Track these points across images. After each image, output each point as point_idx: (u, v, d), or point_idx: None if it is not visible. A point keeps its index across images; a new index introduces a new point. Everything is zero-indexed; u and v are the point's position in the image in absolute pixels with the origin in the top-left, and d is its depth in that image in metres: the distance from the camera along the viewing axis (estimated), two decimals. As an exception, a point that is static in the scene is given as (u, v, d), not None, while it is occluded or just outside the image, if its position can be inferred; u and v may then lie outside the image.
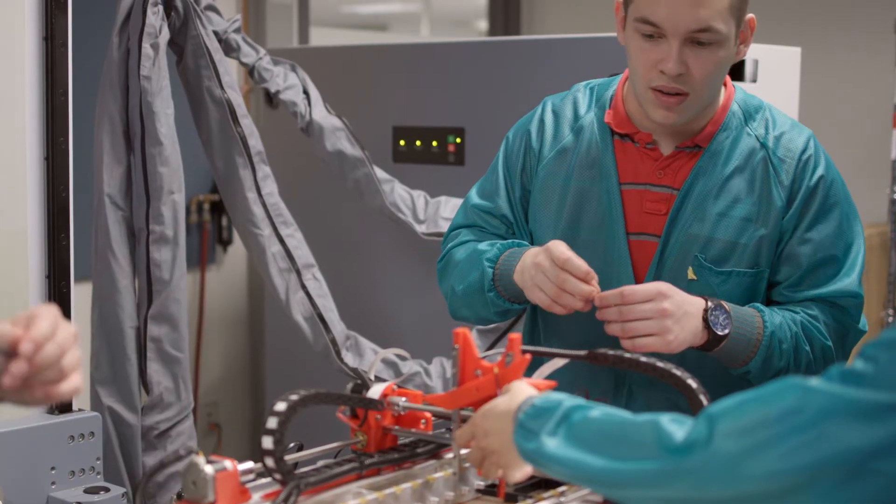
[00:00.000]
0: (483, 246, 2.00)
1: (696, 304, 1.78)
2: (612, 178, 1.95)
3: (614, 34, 2.99)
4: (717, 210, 1.90)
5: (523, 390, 1.45)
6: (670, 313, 1.75)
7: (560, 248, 1.79)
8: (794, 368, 1.86)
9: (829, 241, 1.91)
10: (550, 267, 1.79)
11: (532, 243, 2.04)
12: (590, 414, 1.32)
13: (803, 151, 1.92)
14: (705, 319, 1.78)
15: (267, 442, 1.47)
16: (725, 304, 1.81)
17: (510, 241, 1.99)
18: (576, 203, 1.97)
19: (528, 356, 1.54)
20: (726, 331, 1.79)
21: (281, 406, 1.49)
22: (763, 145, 1.92)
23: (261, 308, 4.01)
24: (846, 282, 1.91)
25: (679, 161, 1.93)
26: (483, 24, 5.54)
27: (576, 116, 2.02)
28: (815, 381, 1.10)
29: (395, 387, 1.70)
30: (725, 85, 1.94)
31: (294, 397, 1.50)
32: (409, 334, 3.32)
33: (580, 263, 1.78)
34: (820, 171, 1.91)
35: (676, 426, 1.21)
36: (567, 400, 1.36)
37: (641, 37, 1.83)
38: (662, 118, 1.86)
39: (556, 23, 5.09)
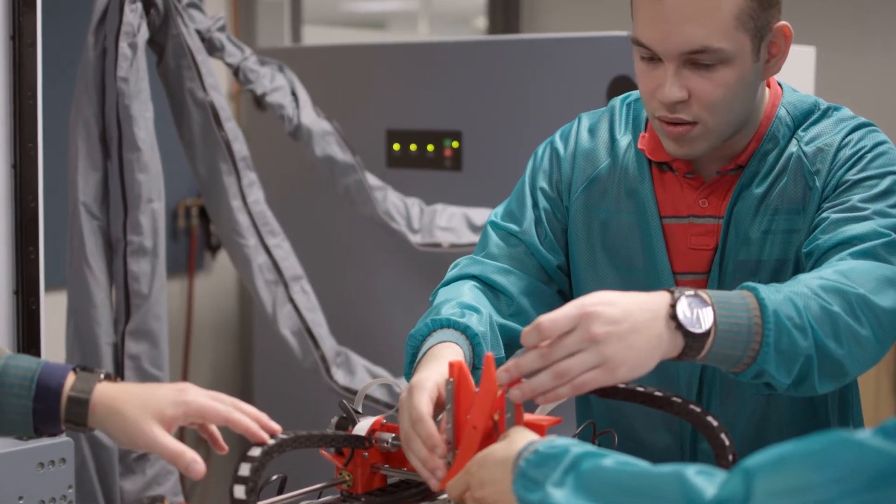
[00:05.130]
0: (434, 310, 1.70)
1: (652, 306, 1.37)
2: (651, 212, 1.72)
3: (618, 33, 2.90)
4: (760, 229, 1.67)
5: (523, 435, 1.30)
6: (604, 336, 1.32)
7: (418, 401, 1.44)
8: (834, 343, 1.45)
9: (864, 201, 1.59)
10: (406, 416, 1.45)
11: (568, 277, 1.83)
12: (602, 462, 1.17)
13: (845, 137, 1.65)
14: (674, 317, 1.37)
15: (239, 491, 1.32)
16: (703, 293, 1.40)
17: (448, 316, 1.65)
18: (615, 239, 1.75)
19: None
20: (704, 328, 1.37)
21: (256, 451, 1.34)
22: (798, 143, 1.67)
23: (251, 316, 3.92)
24: (872, 225, 1.56)
25: (723, 186, 1.70)
26: (483, 22, 5.43)
27: (612, 138, 1.79)
28: (868, 437, 0.95)
29: (383, 421, 1.56)
30: (769, 86, 1.70)
31: (270, 441, 1.36)
32: (403, 350, 3.20)
33: (429, 430, 1.42)
34: (864, 143, 1.63)
35: (705, 479, 1.06)
36: (575, 446, 1.21)
37: (640, 59, 1.61)
38: (673, 150, 1.64)
39: (557, 21, 4.98)
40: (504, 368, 1.36)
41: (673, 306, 1.37)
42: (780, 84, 1.74)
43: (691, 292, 1.39)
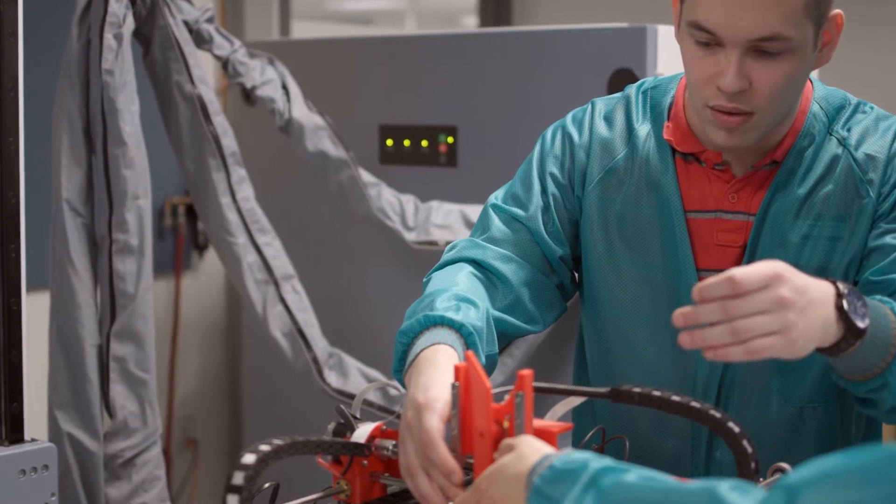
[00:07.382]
0: (427, 300, 1.59)
1: (823, 288, 1.36)
2: (675, 206, 1.64)
3: (619, 24, 2.83)
4: (800, 233, 1.60)
5: (535, 447, 1.22)
6: (791, 303, 1.29)
7: (430, 424, 1.35)
8: None
9: None
10: (416, 440, 1.36)
11: (578, 271, 1.76)
12: (624, 478, 1.09)
13: (893, 144, 1.61)
14: (839, 308, 1.36)
15: (232, 501, 1.24)
16: (857, 291, 1.41)
17: (442, 312, 1.55)
18: (633, 234, 1.67)
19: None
20: (866, 321, 1.38)
21: (249, 458, 1.26)
22: (845, 146, 1.61)
23: (239, 316, 3.84)
24: None
25: (756, 181, 1.62)
26: (470, 20, 5.38)
27: (629, 127, 1.71)
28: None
29: (383, 427, 1.49)
30: None
31: (265, 448, 1.28)
32: (397, 351, 3.15)
33: (444, 457, 1.33)
34: None
35: (740, 496, 0.98)
36: (593, 460, 1.13)
37: (696, 44, 1.52)
38: (723, 140, 1.56)
39: (549, 13, 4.91)
40: (681, 312, 1.30)
41: (840, 296, 1.36)
42: (809, 78, 1.67)
43: (852, 286, 1.39)
